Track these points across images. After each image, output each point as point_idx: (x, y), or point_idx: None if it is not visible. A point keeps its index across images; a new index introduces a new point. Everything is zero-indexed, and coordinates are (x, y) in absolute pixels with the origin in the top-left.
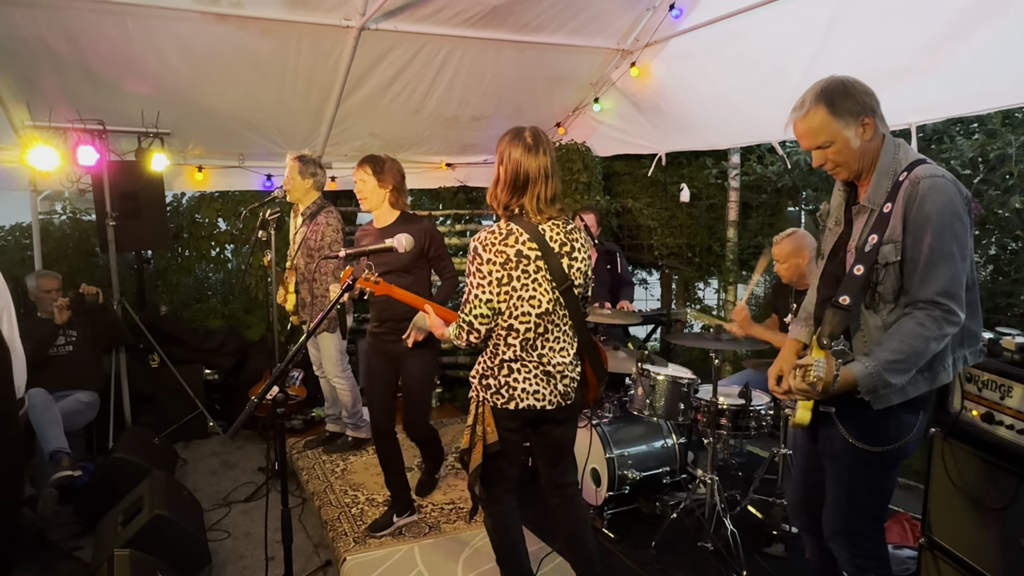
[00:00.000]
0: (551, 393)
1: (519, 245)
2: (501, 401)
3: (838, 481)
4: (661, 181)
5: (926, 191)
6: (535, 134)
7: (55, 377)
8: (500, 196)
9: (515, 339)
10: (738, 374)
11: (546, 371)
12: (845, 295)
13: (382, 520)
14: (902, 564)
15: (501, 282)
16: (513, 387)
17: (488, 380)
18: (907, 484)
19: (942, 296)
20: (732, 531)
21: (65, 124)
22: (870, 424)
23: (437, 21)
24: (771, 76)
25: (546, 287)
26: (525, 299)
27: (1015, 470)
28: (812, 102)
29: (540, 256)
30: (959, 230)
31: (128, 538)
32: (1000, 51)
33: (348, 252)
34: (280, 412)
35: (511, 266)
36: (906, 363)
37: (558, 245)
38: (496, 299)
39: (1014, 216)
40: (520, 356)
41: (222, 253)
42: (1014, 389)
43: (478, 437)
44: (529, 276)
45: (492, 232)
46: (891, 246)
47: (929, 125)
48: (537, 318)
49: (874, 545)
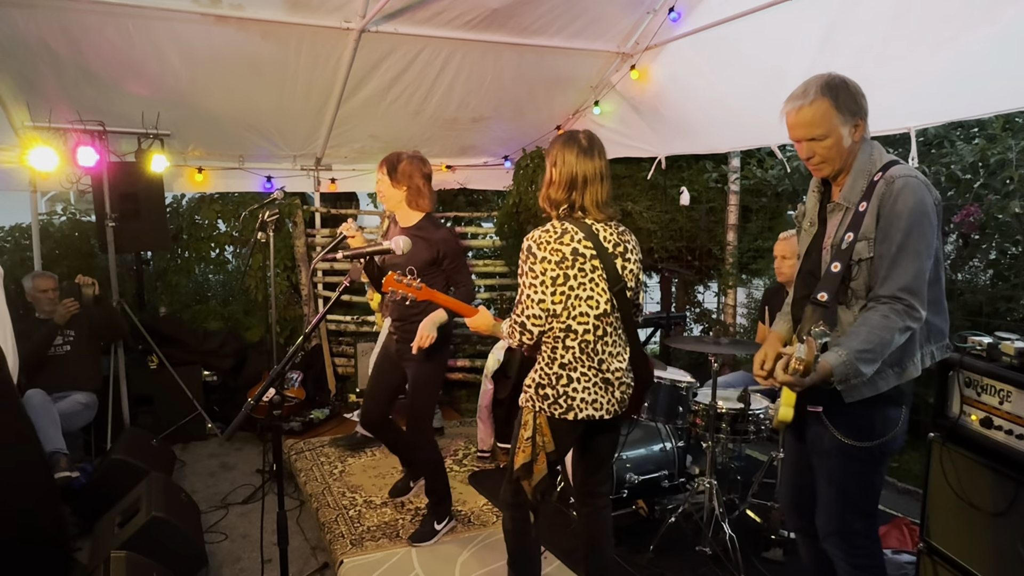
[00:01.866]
0: (608, 402)
1: (575, 243)
2: (559, 411)
3: (829, 480)
4: (661, 184)
5: (899, 190)
6: (590, 137)
7: (53, 378)
8: (554, 196)
9: (573, 341)
10: (734, 374)
11: (605, 378)
12: (823, 292)
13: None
14: (901, 569)
15: (556, 281)
16: (572, 397)
17: (545, 390)
18: (906, 489)
19: (904, 292)
20: (730, 535)
21: (65, 125)
22: (857, 421)
23: (437, 24)
24: (771, 79)
25: (603, 287)
26: (583, 299)
27: (1014, 475)
28: (817, 93)
29: (596, 255)
30: (927, 230)
31: (125, 540)
32: (998, 56)
33: (345, 253)
34: (277, 414)
35: (567, 264)
36: (874, 352)
37: (612, 245)
38: (550, 300)
39: (1014, 221)
40: (579, 359)
41: (222, 255)
42: (1013, 394)
43: (539, 448)
44: (586, 275)
45: (547, 231)
46: (864, 243)
47: (930, 130)
48: (596, 320)
49: (869, 543)
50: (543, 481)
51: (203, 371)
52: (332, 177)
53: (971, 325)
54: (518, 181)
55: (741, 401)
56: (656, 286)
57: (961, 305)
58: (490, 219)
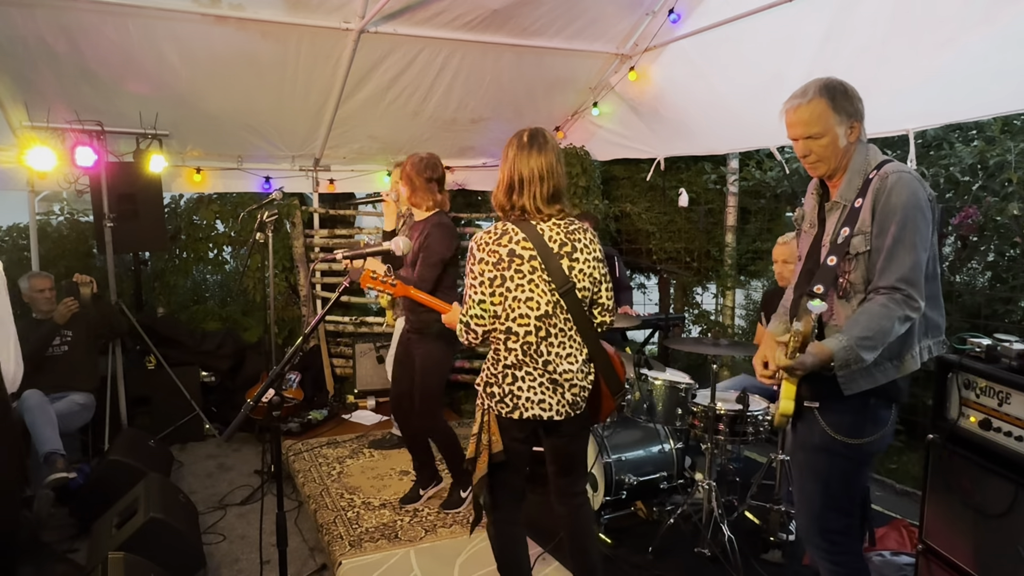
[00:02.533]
0: (558, 403)
1: (512, 244)
2: (506, 410)
3: (814, 475)
4: (660, 186)
5: (893, 185)
6: (532, 134)
7: (51, 378)
8: (499, 198)
9: (515, 343)
10: (735, 378)
11: (552, 379)
12: (819, 284)
13: (410, 494)
14: (900, 571)
15: (494, 282)
16: (517, 395)
17: (492, 388)
18: (905, 491)
19: (902, 282)
20: (729, 537)
21: (63, 125)
22: (849, 418)
23: (436, 25)
24: (769, 81)
25: (544, 288)
26: (522, 300)
27: (1013, 477)
28: (816, 93)
29: (535, 256)
30: (921, 223)
31: (123, 541)
32: (997, 57)
33: (346, 254)
34: (276, 415)
35: (503, 266)
36: (875, 340)
37: (557, 245)
38: (489, 300)
39: (1012, 223)
40: (523, 361)
41: (220, 255)
42: (1012, 396)
43: (483, 446)
44: (524, 276)
45: (488, 232)
46: (861, 237)
47: (928, 132)
48: (537, 321)
49: (849, 541)
50: (484, 480)
51: (201, 372)
52: (331, 178)
53: (970, 327)
54: None
55: (740, 402)
56: (655, 287)
57: (960, 307)
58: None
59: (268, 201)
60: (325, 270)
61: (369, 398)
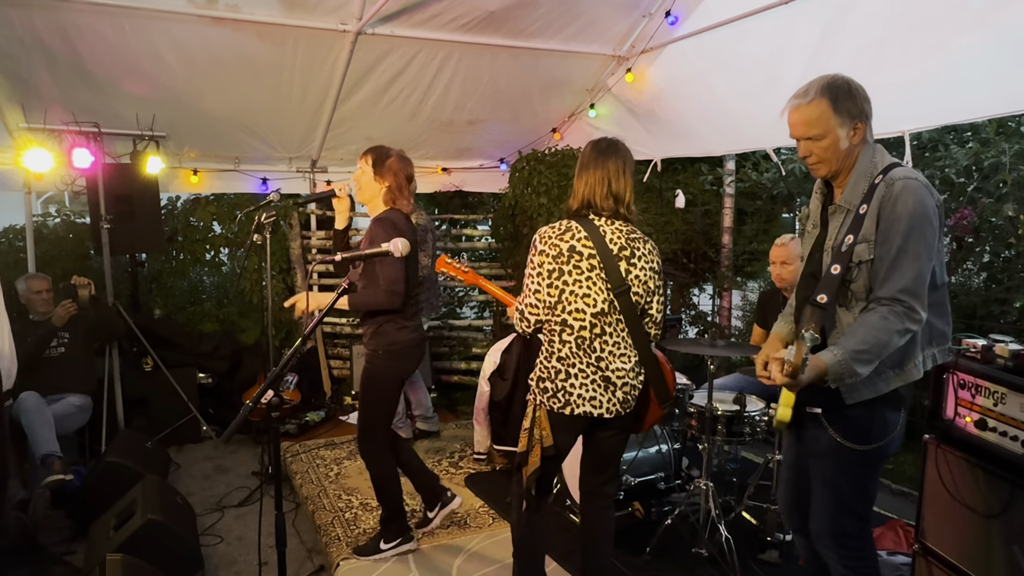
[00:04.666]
0: (609, 400)
1: (574, 241)
2: (558, 405)
3: (824, 482)
4: (657, 187)
5: (899, 192)
6: (610, 140)
7: (47, 380)
8: (575, 193)
9: (569, 336)
10: (729, 376)
11: (605, 376)
12: (823, 294)
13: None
14: (896, 571)
15: (552, 275)
16: (570, 392)
17: (545, 383)
18: (901, 491)
19: (903, 293)
20: (727, 537)
21: (60, 126)
22: (855, 424)
23: (434, 26)
24: (766, 83)
25: (601, 286)
26: (579, 295)
27: (1009, 477)
28: (817, 93)
29: (595, 255)
30: (927, 232)
31: (120, 543)
32: (992, 60)
33: (344, 256)
34: (275, 416)
35: (563, 260)
36: (871, 353)
37: (617, 248)
38: (545, 291)
39: (1007, 224)
40: (576, 355)
41: (217, 257)
42: (1008, 396)
43: (536, 440)
44: (582, 273)
45: (552, 227)
46: (864, 245)
47: (924, 133)
48: (593, 317)
49: (861, 544)
50: (536, 473)
51: (198, 373)
52: (328, 179)
53: (965, 327)
54: (514, 183)
55: (737, 403)
56: None
57: (955, 308)
58: (486, 221)
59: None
60: (322, 271)
61: None
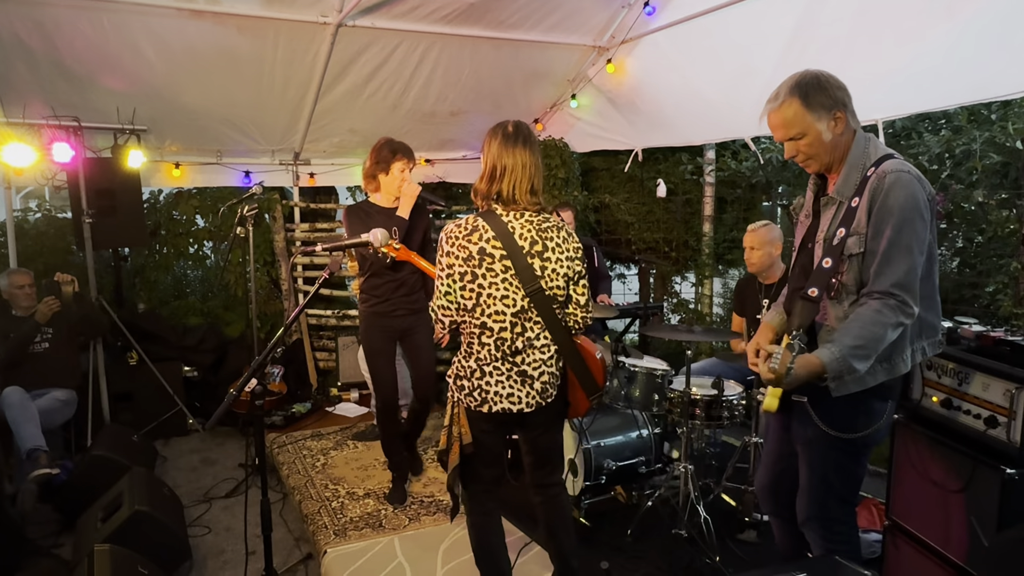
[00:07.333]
0: (527, 395)
1: (483, 243)
2: (474, 404)
3: (811, 468)
4: (638, 177)
5: (891, 185)
6: (516, 126)
7: (32, 375)
8: (480, 188)
9: (489, 338)
10: (705, 361)
11: (521, 371)
12: (814, 287)
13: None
14: (869, 547)
15: (465, 278)
16: (486, 390)
17: (462, 381)
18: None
19: (896, 287)
20: (706, 518)
21: (39, 121)
22: (841, 412)
23: (414, 18)
24: (743, 73)
25: (516, 285)
26: (497, 298)
27: (971, 453)
28: (787, 94)
29: (505, 255)
30: (919, 226)
31: (108, 534)
32: (960, 50)
33: (325, 246)
34: (259, 404)
35: (474, 263)
36: (867, 348)
37: (528, 244)
38: (456, 293)
39: (979, 210)
40: (494, 356)
41: (200, 250)
42: (972, 376)
43: (454, 438)
44: (497, 275)
45: (458, 226)
46: (856, 238)
47: (898, 122)
48: (513, 316)
49: (847, 528)
50: (456, 471)
51: (183, 367)
52: (311, 172)
53: None
54: None
55: (715, 388)
56: (634, 277)
57: None
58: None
59: (248, 196)
60: (306, 263)
61: (352, 391)
